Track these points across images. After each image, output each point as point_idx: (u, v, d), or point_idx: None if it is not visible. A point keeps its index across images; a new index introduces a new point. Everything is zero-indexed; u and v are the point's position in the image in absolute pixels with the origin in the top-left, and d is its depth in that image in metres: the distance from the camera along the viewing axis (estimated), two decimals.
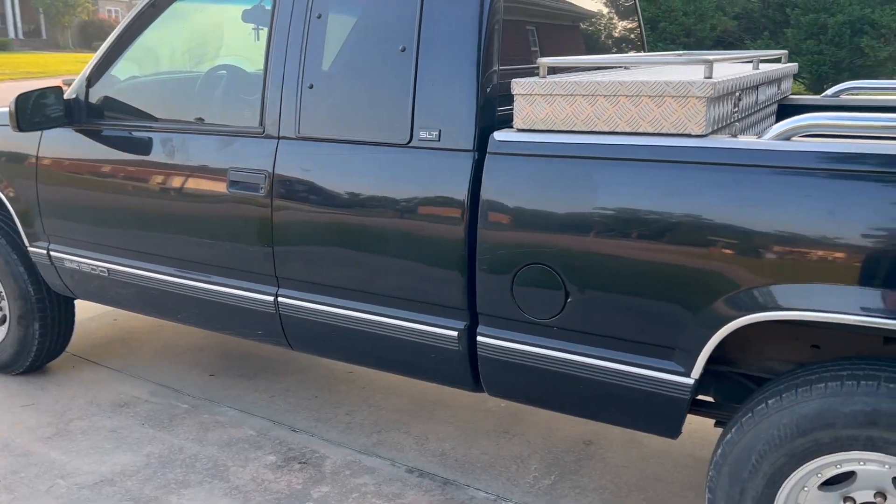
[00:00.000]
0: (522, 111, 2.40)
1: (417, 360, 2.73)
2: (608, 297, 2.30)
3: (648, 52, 3.71)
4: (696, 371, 2.22)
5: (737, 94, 2.50)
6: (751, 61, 3.08)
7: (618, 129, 2.27)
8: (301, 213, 2.81)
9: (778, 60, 3.71)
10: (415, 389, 3.80)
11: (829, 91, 3.38)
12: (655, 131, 2.22)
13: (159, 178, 3.14)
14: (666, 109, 2.19)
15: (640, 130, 2.24)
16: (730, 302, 2.13)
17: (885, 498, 2.06)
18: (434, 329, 2.63)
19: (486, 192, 2.43)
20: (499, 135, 2.43)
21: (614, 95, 2.25)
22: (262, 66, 2.90)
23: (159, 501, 2.92)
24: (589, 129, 2.32)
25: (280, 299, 2.95)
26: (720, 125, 2.34)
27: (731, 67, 2.93)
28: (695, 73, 2.53)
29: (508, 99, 2.58)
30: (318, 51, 2.78)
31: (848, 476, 2.10)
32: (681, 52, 3.64)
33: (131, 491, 2.98)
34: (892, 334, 2.13)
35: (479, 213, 2.44)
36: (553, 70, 2.73)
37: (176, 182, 3.09)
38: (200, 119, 3.10)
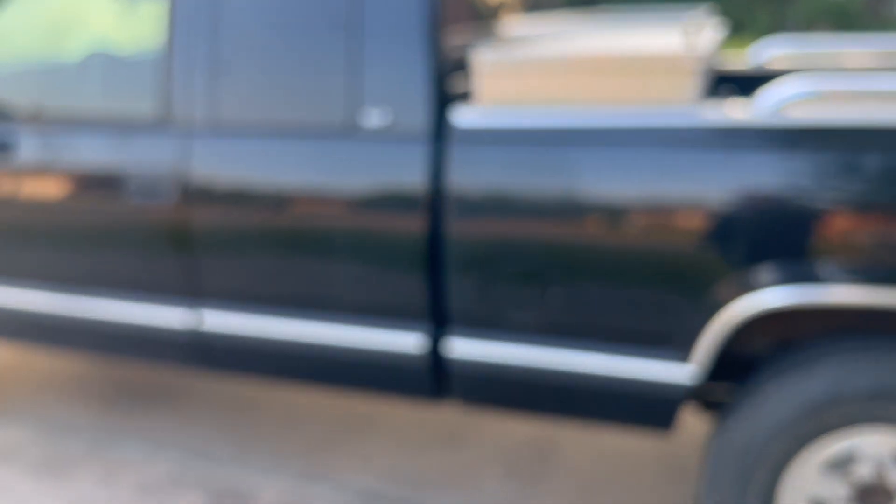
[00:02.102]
0: (485, 88, 2.21)
1: (375, 375, 2.48)
2: (598, 289, 2.14)
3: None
4: (696, 360, 2.11)
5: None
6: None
7: (596, 107, 2.11)
8: (225, 218, 2.48)
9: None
10: (344, 403, 3.53)
11: (755, 57, 3.33)
12: (639, 108, 2.08)
13: (43, 186, 2.70)
14: (651, 84, 2.06)
15: (623, 108, 2.09)
16: (728, 287, 2.02)
17: (888, 473, 2.03)
18: (394, 338, 2.39)
19: (448, 181, 2.21)
20: (459, 117, 2.22)
21: (593, 71, 2.09)
22: (164, 44, 2.54)
23: None
24: (562, 108, 2.14)
25: (203, 318, 2.60)
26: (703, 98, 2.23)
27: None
28: (656, 39, 2.41)
29: (465, 74, 2.38)
30: (236, 22, 2.44)
31: (852, 454, 2.06)
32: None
33: None
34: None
35: (442, 206, 2.22)
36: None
37: (64, 190, 2.67)
38: (93, 113, 2.69)
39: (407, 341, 2.37)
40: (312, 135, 2.36)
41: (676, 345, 2.12)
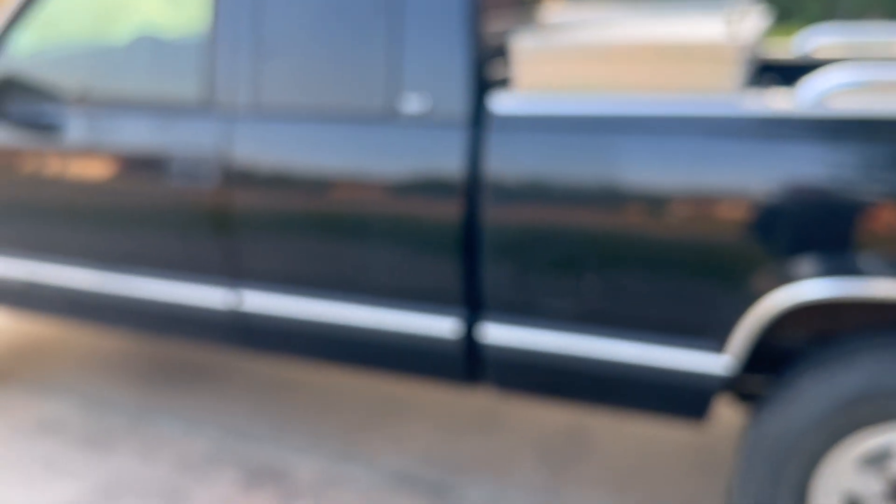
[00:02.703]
0: (523, 77, 2.20)
1: (409, 358, 2.51)
2: (635, 279, 2.14)
3: None
4: (733, 351, 2.10)
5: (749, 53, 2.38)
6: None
7: (637, 94, 2.10)
8: (265, 201, 2.51)
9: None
10: (379, 389, 3.57)
11: (799, 47, 3.28)
12: (681, 96, 2.06)
13: (88, 168, 2.77)
14: (693, 72, 2.04)
15: (663, 95, 2.08)
16: (766, 277, 2.01)
17: None
18: (430, 323, 2.41)
19: (485, 168, 2.21)
20: (498, 103, 2.22)
21: (633, 58, 2.08)
22: (208, 28, 2.58)
23: None
24: (603, 95, 2.13)
25: (242, 299, 2.65)
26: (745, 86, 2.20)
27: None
28: (699, 26, 2.38)
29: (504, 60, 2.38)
30: (279, 7, 2.47)
31: (888, 450, 2.03)
32: None
33: None
34: None
35: (479, 192, 2.23)
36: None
37: (109, 171, 2.73)
38: (137, 96, 2.74)
39: (442, 326, 2.39)
40: (352, 119, 2.39)
41: (713, 335, 2.11)
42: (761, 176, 1.97)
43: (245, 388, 3.59)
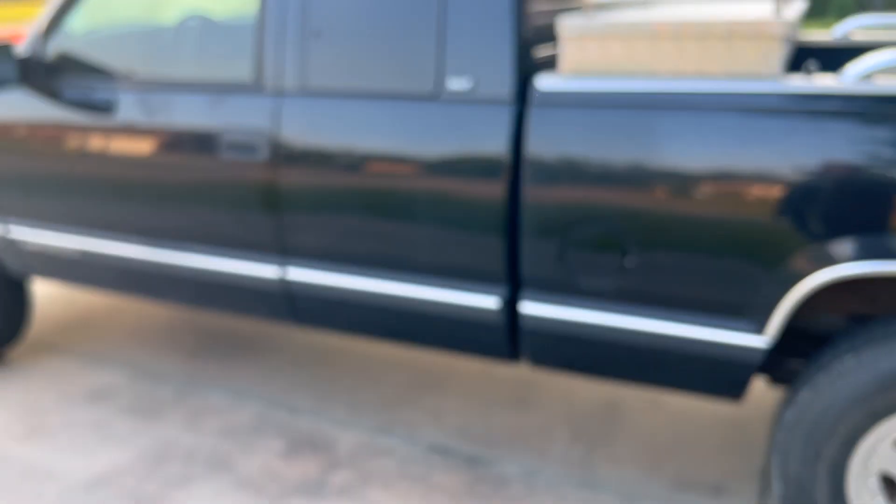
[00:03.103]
0: (570, 55, 2.20)
1: (450, 333, 2.54)
2: (674, 258, 2.14)
3: None
4: (771, 331, 2.10)
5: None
6: None
7: (680, 74, 2.10)
8: (311, 178, 2.55)
9: None
10: (417, 362, 3.61)
11: (838, 32, 3.26)
12: (723, 75, 2.06)
13: (139, 144, 2.83)
14: (736, 51, 2.03)
15: (707, 74, 2.07)
16: (806, 258, 2.00)
17: None
18: (471, 299, 2.44)
19: (530, 148, 2.23)
20: (542, 82, 2.23)
21: (677, 37, 2.08)
22: (256, 10, 2.61)
23: (165, 498, 2.67)
24: (647, 74, 2.13)
25: (288, 273, 2.70)
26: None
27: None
28: (746, 9, 2.37)
29: (549, 41, 2.39)
30: None
31: None
32: None
33: (131, 490, 2.72)
34: None
35: (522, 172, 2.24)
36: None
37: (159, 147, 2.79)
38: (185, 75, 2.79)
39: (483, 302, 2.41)
40: (398, 98, 2.41)
41: (751, 315, 2.11)
42: (803, 154, 1.96)
43: (287, 360, 3.65)
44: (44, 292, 4.42)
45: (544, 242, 2.26)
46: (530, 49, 2.34)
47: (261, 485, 2.75)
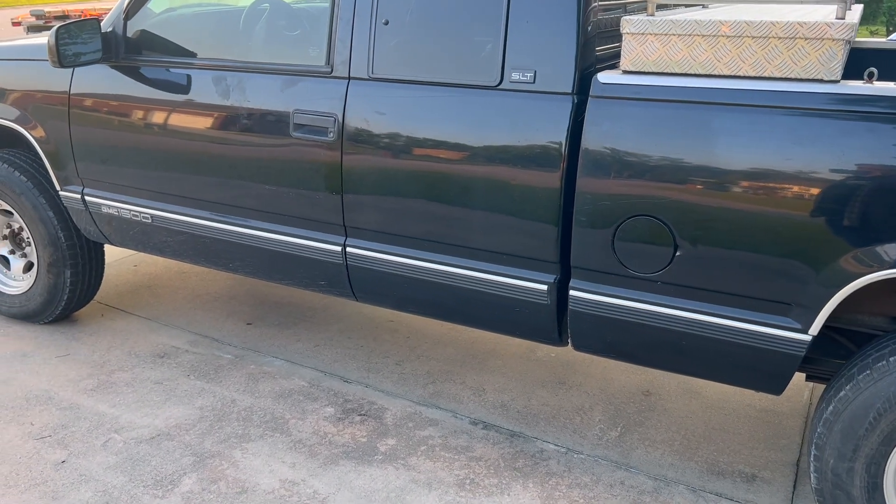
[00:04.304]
0: (632, 52, 2.20)
1: (500, 314, 2.56)
2: (723, 252, 2.14)
3: None
4: (815, 328, 2.09)
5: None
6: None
7: (740, 73, 2.08)
8: (374, 159, 2.59)
9: None
10: (462, 338, 3.65)
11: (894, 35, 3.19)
12: (783, 76, 2.04)
13: (213, 120, 2.89)
14: (797, 52, 2.01)
15: (766, 75, 2.05)
16: (857, 258, 1.98)
17: None
18: (522, 283, 2.46)
19: (588, 140, 2.23)
20: (603, 76, 2.23)
21: (738, 36, 2.06)
22: None
23: (222, 456, 2.75)
24: (707, 73, 2.12)
25: (348, 249, 2.74)
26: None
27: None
28: (808, 12, 2.34)
29: (608, 38, 2.39)
30: None
31: None
32: None
33: (191, 445, 2.80)
34: None
35: (580, 162, 2.25)
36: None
37: (232, 125, 2.84)
38: (259, 56, 2.84)
39: (534, 285, 2.43)
40: (461, 87, 2.43)
41: (797, 312, 2.10)
42: (861, 158, 1.94)
43: (338, 331, 3.71)
44: (108, 258, 4.52)
45: (596, 231, 2.27)
46: (592, 44, 2.34)
47: (312, 447, 2.81)
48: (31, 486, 2.58)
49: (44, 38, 3.25)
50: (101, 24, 3.08)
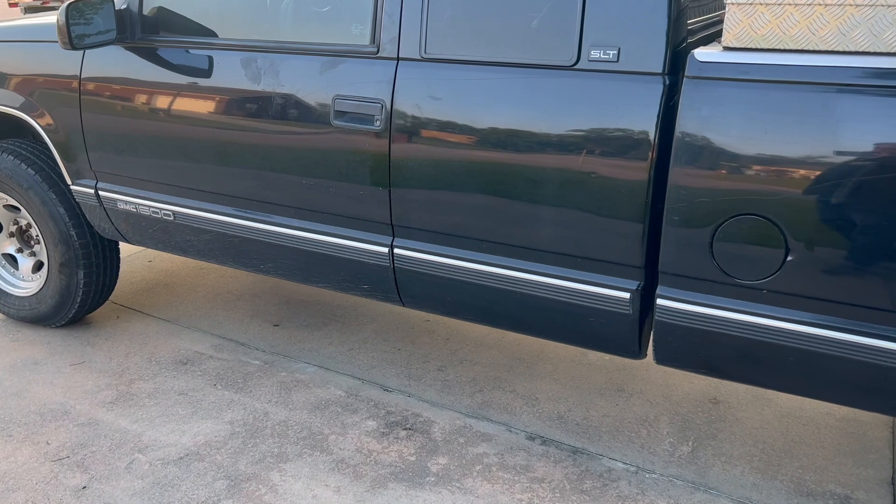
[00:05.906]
0: (736, 24, 1.86)
1: (570, 325, 2.24)
2: (842, 257, 1.81)
3: None
4: None
5: None
6: None
7: (871, 50, 1.74)
8: (428, 150, 2.25)
9: None
10: (506, 340, 3.32)
11: None
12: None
13: (241, 108, 2.54)
14: None
15: (878, 47, 1.71)
16: None
17: None
18: (600, 290, 2.13)
19: (685, 127, 1.89)
20: (701, 54, 1.88)
21: (872, 5, 1.72)
22: None
23: (259, 479, 2.43)
24: (829, 49, 1.78)
25: (396, 251, 2.41)
26: None
27: None
28: None
29: (699, 10, 2.04)
30: None
31: None
32: None
33: (224, 467, 2.48)
34: None
35: (674, 153, 1.91)
36: None
37: (263, 112, 2.49)
38: (294, 35, 2.48)
39: (614, 293, 2.10)
40: (531, 67, 2.08)
41: None
42: None
43: (372, 332, 3.39)
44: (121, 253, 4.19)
45: (691, 231, 1.94)
46: (685, 17, 2.00)
47: (357, 467, 2.49)
48: None
49: (52, 18, 2.89)
50: (115, 1, 2.73)
